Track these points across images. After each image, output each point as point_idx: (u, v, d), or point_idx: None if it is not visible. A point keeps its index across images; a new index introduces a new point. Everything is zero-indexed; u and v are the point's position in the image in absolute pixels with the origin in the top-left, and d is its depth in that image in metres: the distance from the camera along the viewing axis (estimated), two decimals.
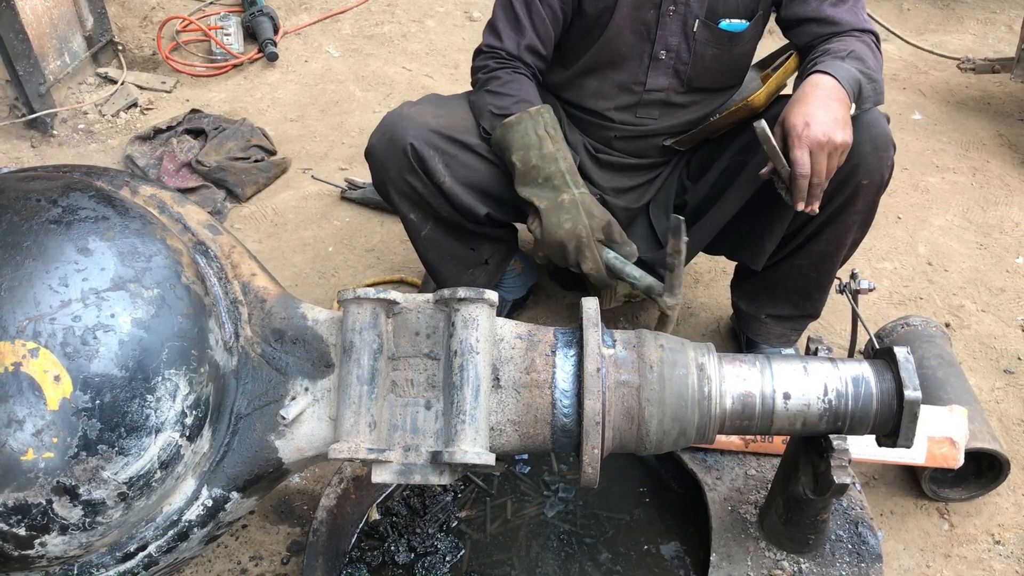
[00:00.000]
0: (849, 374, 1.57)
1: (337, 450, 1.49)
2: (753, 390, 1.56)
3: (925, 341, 2.34)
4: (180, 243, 1.58)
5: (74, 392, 1.36)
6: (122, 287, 1.42)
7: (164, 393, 1.42)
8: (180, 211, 1.69)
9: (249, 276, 1.66)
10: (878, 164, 2.01)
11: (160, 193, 1.70)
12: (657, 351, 1.57)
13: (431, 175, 2.13)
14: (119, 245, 1.46)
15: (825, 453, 1.62)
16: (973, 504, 2.18)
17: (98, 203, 1.51)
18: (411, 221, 2.26)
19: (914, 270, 2.93)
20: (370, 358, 1.53)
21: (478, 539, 2.08)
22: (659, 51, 2.15)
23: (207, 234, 1.68)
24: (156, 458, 1.44)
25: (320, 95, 3.86)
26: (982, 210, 3.20)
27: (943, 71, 4.09)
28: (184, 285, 1.50)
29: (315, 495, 2.21)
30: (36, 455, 1.35)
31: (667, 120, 2.26)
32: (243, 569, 2.07)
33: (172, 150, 3.31)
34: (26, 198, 1.48)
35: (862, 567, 1.84)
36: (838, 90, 1.86)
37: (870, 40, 2.04)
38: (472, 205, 2.19)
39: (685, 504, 2.10)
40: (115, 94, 3.77)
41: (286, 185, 3.33)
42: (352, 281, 2.88)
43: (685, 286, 2.81)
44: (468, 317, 1.52)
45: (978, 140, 3.59)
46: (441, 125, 2.14)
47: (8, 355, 1.34)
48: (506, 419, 1.55)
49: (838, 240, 2.15)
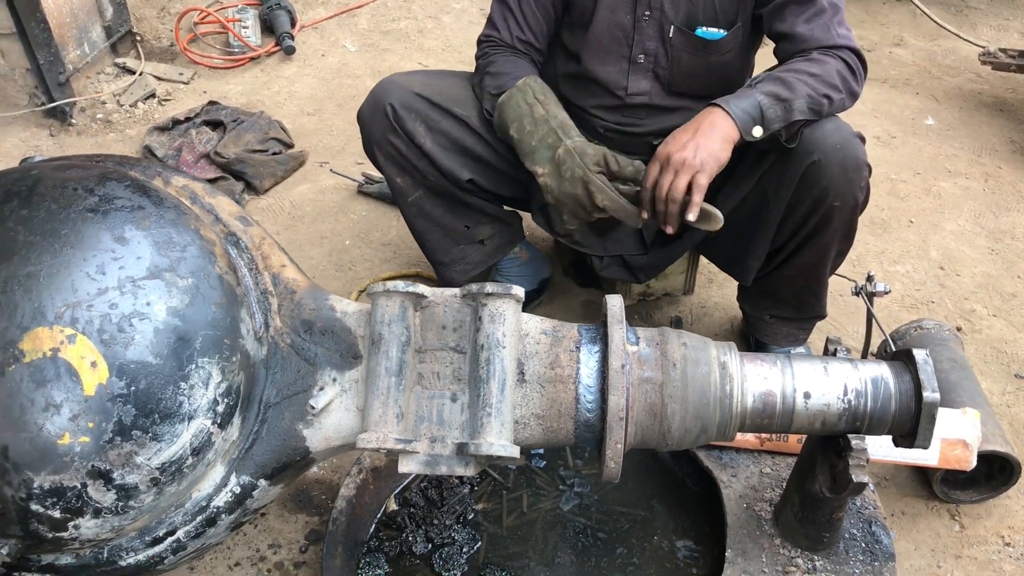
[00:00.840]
0: (868, 375, 1.59)
1: (365, 440, 1.51)
2: (774, 389, 1.59)
3: (938, 344, 2.36)
4: (213, 233, 1.60)
5: (110, 378, 1.38)
6: (158, 276, 1.45)
7: (197, 381, 1.45)
8: (212, 202, 1.71)
9: (279, 267, 1.69)
10: (849, 186, 2.03)
11: (192, 184, 1.73)
12: (680, 349, 1.59)
13: (411, 136, 2.20)
14: (155, 234, 1.48)
15: (843, 452, 1.64)
16: (983, 506, 2.20)
17: (134, 193, 1.53)
18: (398, 185, 2.31)
19: (926, 274, 2.95)
20: (398, 350, 1.55)
21: (494, 531, 2.10)
22: (637, 54, 2.19)
23: (238, 225, 1.71)
24: (188, 444, 1.46)
25: (337, 89, 3.89)
26: (994, 216, 3.22)
27: (956, 77, 4.11)
28: (217, 275, 1.52)
29: (332, 485, 2.24)
30: (72, 439, 1.37)
31: (654, 123, 2.27)
32: (262, 556, 2.10)
33: (191, 141, 3.34)
34: (63, 186, 1.50)
35: (875, 566, 1.87)
36: (720, 119, 1.93)
37: (833, 60, 2.01)
38: (454, 168, 2.25)
39: (699, 501, 2.12)
40: (133, 84, 3.80)
41: (303, 178, 3.35)
42: (369, 274, 2.90)
43: (699, 286, 2.84)
44: (495, 312, 1.55)
45: (991, 146, 3.61)
46: (426, 92, 2.22)
47: (47, 340, 1.36)
48: (530, 413, 1.58)
49: (820, 255, 2.18)
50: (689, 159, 1.90)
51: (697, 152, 1.90)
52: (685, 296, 2.82)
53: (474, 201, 2.35)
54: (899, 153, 3.54)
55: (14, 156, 3.41)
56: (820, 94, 1.96)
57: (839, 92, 2.00)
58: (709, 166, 1.91)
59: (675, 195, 1.93)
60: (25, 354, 1.35)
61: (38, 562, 1.53)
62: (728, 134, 1.92)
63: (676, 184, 1.92)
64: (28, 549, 1.47)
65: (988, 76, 4.10)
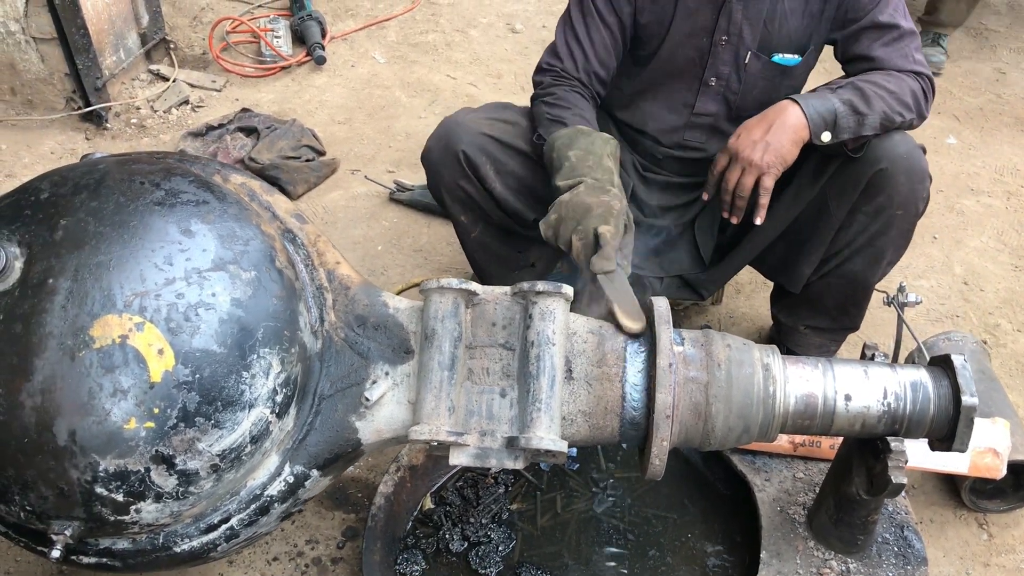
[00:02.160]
0: (908, 378, 1.63)
1: (418, 432, 1.55)
2: (816, 391, 1.62)
3: (966, 356, 2.39)
4: (272, 229, 1.65)
5: (176, 366, 1.42)
6: (222, 268, 1.49)
7: (258, 370, 1.49)
8: (269, 200, 1.76)
9: (334, 264, 1.73)
10: (912, 196, 2.08)
11: (250, 182, 1.77)
12: (725, 350, 1.63)
13: (483, 181, 2.20)
14: (219, 228, 1.53)
15: (882, 455, 1.68)
16: (1012, 516, 2.23)
17: (198, 188, 1.58)
18: (462, 224, 2.33)
19: (950, 289, 2.99)
20: (451, 345, 1.59)
21: (529, 531, 2.14)
22: (709, 77, 2.20)
23: (295, 223, 1.75)
24: (248, 432, 1.51)
25: (367, 99, 3.95)
26: (1017, 233, 3.26)
27: (976, 97, 4.16)
28: (278, 269, 1.57)
29: (369, 483, 2.28)
30: (138, 424, 1.41)
31: (714, 146, 2.28)
32: (299, 552, 2.13)
33: (225, 147, 3.39)
34: (131, 180, 1.55)
35: (908, 569, 1.90)
36: (794, 119, 1.97)
37: (909, 79, 2.05)
38: (521, 210, 2.25)
39: (731, 506, 2.15)
40: (167, 91, 3.86)
41: (335, 185, 3.41)
42: (401, 279, 2.95)
43: (727, 296, 2.88)
44: (545, 310, 1.59)
45: (1012, 165, 3.66)
46: (494, 131, 2.20)
47: (116, 327, 1.41)
48: (577, 409, 1.62)
49: (873, 263, 2.21)
50: (757, 160, 1.95)
51: (766, 153, 1.95)
52: (713, 306, 2.86)
53: (531, 234, 2.35)
54: None
55: (51, 159, 3.47)
56: (894, 111, 2.01)
57: (910, 112, 2.04)
58: (775, 168, 1.96)
59: (742, 192, 2.00)
60: (95, 340, 1.39)
61: (96, 546, 1.58)
62: (799, 135, 1.96)
63: (743, 182, 1.99)
64: (89, 532, 1.51)
65: (1008, 96, 4.15)
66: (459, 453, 1.59)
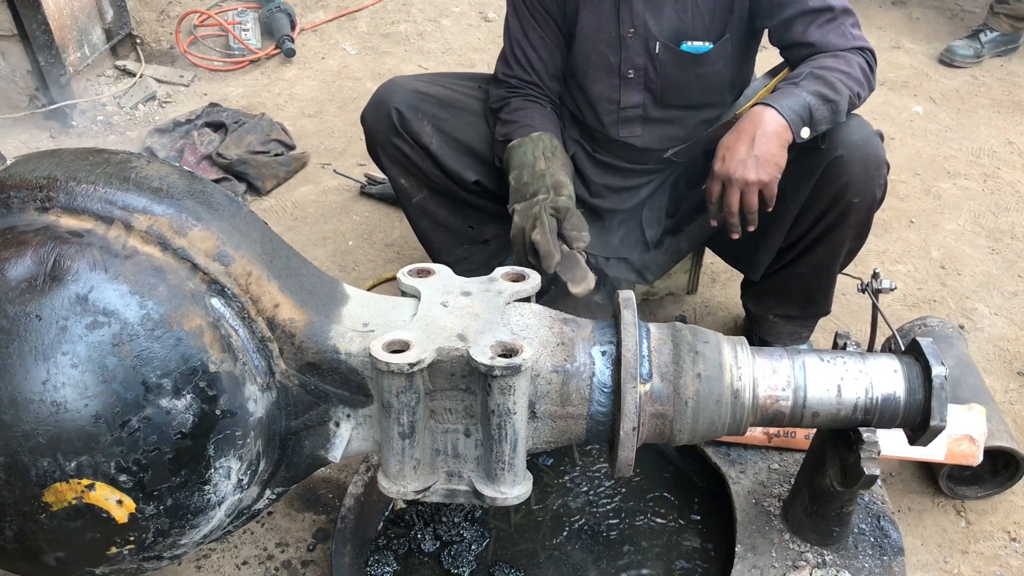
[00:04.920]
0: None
1: (387, 489, 1.60)
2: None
3: (942, 341, 2.37)
4: (197, 315, 1.42)
5: (138, 507, 1.41)
6: (156, 404, 1.36)
7: (219, 478, 1.47)
8: (183, 243, 1.45)
9: (272, 309, 1.52)
10: (868, 184, 2.05)
11: (157, 222, 1.44)
12: (694, 383, 1.57)
13: (417, 138, 2.21)
14: (140, 359, 1.35)
15: (854, 446, 1.65)
16: (989, 502, 2.21)
17: (98, 314, 1.35)
18: (402, 187, 2.32)
19: (927, 273, 2.97)
20: (409, 416, 1.52)
21: (502, 529, 2.10)
22: (627, 70, 2.19)
23: (219, 268, 1.47)
24: (223, 516, 1.54)
25: (337, 92, 3.89)
26: (994, 216, 3.24)
27: (953, 79, 4.13)
28: (214, 373, 1.42)
29: (340, 483, 2.24)
30: (119, 549, 1.46)
31: (651, 136, 2.27)
32: (269, 555, 2.09)
33: (193, 142, 3.34)
34: (28, 318, 1.32)
35: (884, 560, 1.88)
36: (774, 123, 1.92)
37: (856, 57, 2.03)
38: (460, 170, 2.26)
39: (707, 497, 2.13)
40: (133, 87, 3.80)
41: (305, 179, 3.36)
42: (372, 275, 2.90)
43: (703, 285, 2.85)
44: (505, 386, 1.49)
45: (989, 147, 3.64)
46: (432, 91, 2.24)
47: (68, 493, 1.36)
48: (542, 440, 1.62)
49: (833, 252, 2.19)
50: (752, 178, 1.92)
51: (759, 167, 1.91)
52: (689, 295, 2.83)
53: (478, 202, 2.35)
54: (898, 154, 3.56)
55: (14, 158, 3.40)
56: (854, 92, 1.98)
57: (865, 89, 2.02)
58: (773, 175, 1.93)
59: (749, 212, 1.97)
60: (51, 505, 1.37)
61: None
62: (783, 138, 1.92)
63: (748, 202, 1.95)
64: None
65: (985, 79, 4.13)
66: (429, 495, 1.62)
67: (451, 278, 1.71)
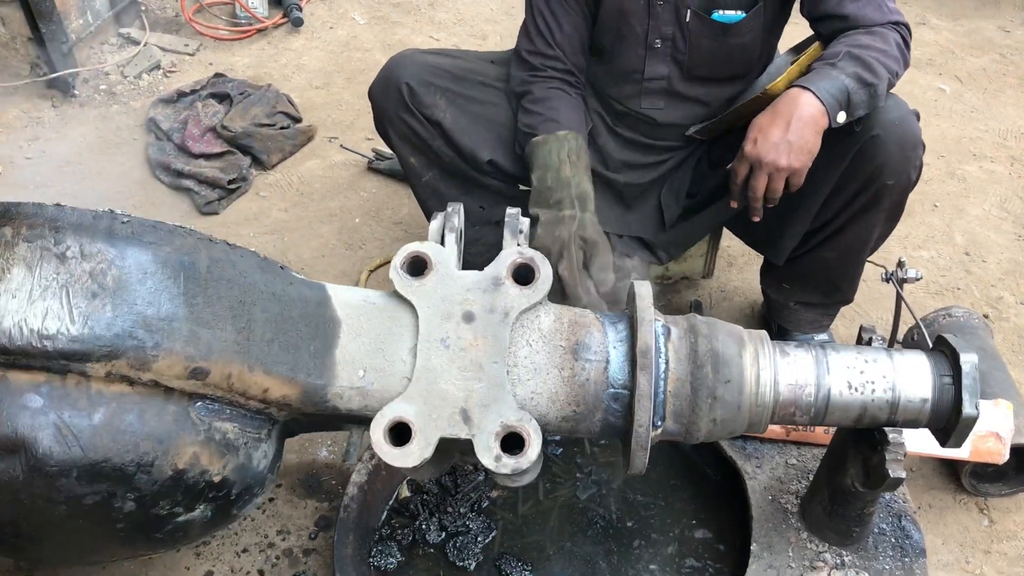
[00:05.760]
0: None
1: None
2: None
3: (968, 333, 2.29)
4: (187, 441, 1.40)
5: None
6: (174, 523, 1.47)
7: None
8: (151, 376, 1.34)
9: (262, 393, 1.45)
10: (904, 165, 1.97)
11: (118, 366, 1.32)
12: (708, 420, 1.49)
13: (428, 115, 2.13)
14: (151, 504, 1.41)
15: (879, 446, 1.57)
16: (1013, 500, 2.14)
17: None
18: (411, 166, 2.24)
19: (951, 260, 2.88)
20: None
21: (510, 520, 2.04)
22: (654, 40, 2.09)
23: (195, 385, 1.38)
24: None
25: (346, 63, 3.80)
26: (1021, 200, 3.14)
27: (980, 57, 4.01)
28: (220, 480, 1.46)
29: (343, 470, 2.18)
30: None
31: (674, 111, 2.18)
32: (270, 543, 2.04)
33: (197, 114, 3.25)
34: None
35: (905, 561, 1.81)
36: (811, 108, 1.83)
37: (892, 33, 1.94)
38: (474, 148, 2.17)
39: (720, 491, 2.06)
40: (137, 55, 3.71)
41: (312, 153, 3.28)
42: (380, 254, 2.83)
43: (719, 269, 2.77)
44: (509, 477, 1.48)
45: (1016, 129, 3.53)
46: (443, 63, 2.15)
47: None
48: None
49: (864, 236, 2.11)
50: (783, 164, 1.84)
51: (791, 153, 1.83)
52: (704, 280, 2.75)
53: (492, 182, 2.26)
54: (922, 135, 3.44)
55: (15, 128, 3.34)
56: (892, 72, 1.89)
57: (901, 67, 1.93)
58: (805, 163, 1.86)
59: (773, 196, 1.89)
60: None
61: None
62: (820, 124, 1.84)
63: (773, 187, 1.88)
64: None
65: (1013, 56, 4.00)
66: None
67: (450, 281, 1.51)
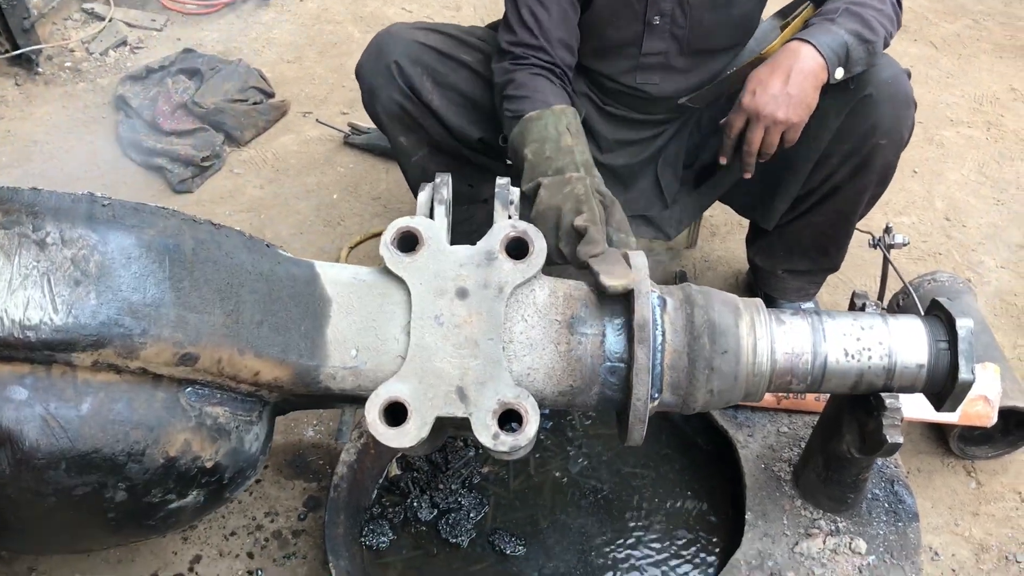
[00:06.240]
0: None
1: None
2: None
3: (952, 296, 2.30)
4: (177, 428, 1.37)
5: None
6: (166, 509, 1.44)
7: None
8: (139, 364, 1.32)
9: (253, 376, 1.41)
10: (897, 124, 1.95)
11: (104, 355, 1.29)
12: (706, 391, 1.47)
13: (418, 93, 2.06)
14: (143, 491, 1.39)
15: (875, 412, 1.57)
16: (1000, 462, 2.16)
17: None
18: (401, 145, 2.18)
19: (932, 225, 2.89)
20: None
21: (501, 496, 2.03)
22: (652, 16, 2.02)
23: (184, 371, 1.35)
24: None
25: (317, 36, 3.72)
26: (998, 165, 3.16)
27: (954, 23, 4.01)
28: (212, 465, 1.43)
29: (331, 449, 2.15)
30: None
31: (669, 84, 2.13)
32: (258, 525, 2.01)
33: (167, 90, 3.17)
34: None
35: (899, 526, 1.82)
36: (812, 61, 1.81)
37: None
38: (464, 127, 2.12)
39: (712, 461, 2.06)
40: (103, 31, 3.61)
41: (286, 129, 3.21)
42: (359, 230, 2.78)
43: (702, 239, 2.76)
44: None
45: (991, 94, 3.54)
46: (431, 41, 2.06)
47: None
48: None
49: (855, 198, 2.10)
50: (781, 116, 1.82)
51: (790, 106, 1.81)
52: (688, 250, 2.74)
53: (482, 160, 2.21)
54: None
55: None
56: (887, 31, 1.88)
57: (895, 28, 1.92)
58: (802, 117, 1.84)
59: (767, 151, 1.88)
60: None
61: None
62: (819, 78, 1.82)
63: (769, 140, 1.86)
64: None
65: (986, 22, 4.01)
66: None
67: (442, 256, 1.46)
